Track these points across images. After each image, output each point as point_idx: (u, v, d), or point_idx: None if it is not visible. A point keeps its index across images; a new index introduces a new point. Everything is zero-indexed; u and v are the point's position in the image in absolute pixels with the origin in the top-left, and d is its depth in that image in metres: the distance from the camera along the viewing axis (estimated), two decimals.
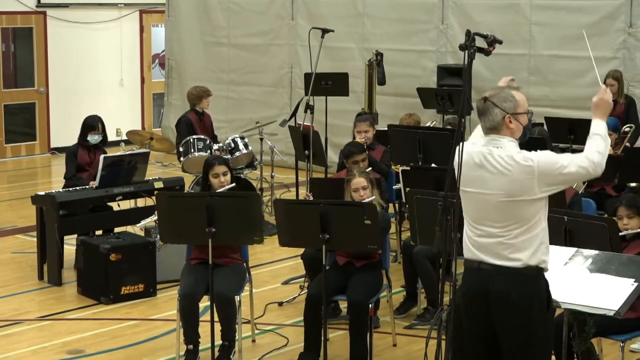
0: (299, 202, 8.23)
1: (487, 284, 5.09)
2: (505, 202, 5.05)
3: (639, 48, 12.09)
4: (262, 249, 9.82)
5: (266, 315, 8.43)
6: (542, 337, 5.15)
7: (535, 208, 5.06)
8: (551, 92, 12.69)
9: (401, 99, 13.42)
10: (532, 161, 5.04)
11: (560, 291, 5.46)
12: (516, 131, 5.17)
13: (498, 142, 5.14)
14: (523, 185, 5.02)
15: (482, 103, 5.15)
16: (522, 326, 5.07)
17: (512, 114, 5.12)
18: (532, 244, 5.07)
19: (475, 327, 5.18)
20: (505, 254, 5.07)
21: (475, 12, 13.21)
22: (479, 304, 5.12)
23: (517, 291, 5.04)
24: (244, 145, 11.27)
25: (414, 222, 7.37)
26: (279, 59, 15.29)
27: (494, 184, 5.07)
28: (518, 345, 5.10)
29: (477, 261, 5.14)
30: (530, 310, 5.06)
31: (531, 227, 5.06)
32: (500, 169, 5.06)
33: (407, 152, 9.54)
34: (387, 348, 7.72)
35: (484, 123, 5.17)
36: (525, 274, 5.05)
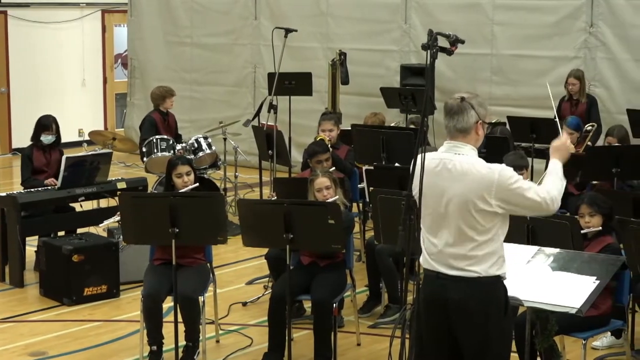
0: (263, 202, 8.22)
1: (446, 292, 5.09)
2: (461, 211, 5.03)
3: (599, 48, 12.19)
4: (226, 249, 9.80)
5: (230, 316, 8.41)
6: (501, 343, 5.16)
7: (490, 221, 5.03)
8: (513, 92, 12.76)
9: (364, 99, 13.44)
10: (493, 170, 5.02)
11: (523, 290, 5.49)
12: (480, 139, 5.16)
13: (460, 149, 5.10)
14: (480, 195, 4.98)
15: (459, 102, 5.09)
16: (480, 333, 5.08)
17: (483, 120, 5.13)
18: (490, 258, 5.05)
19: (435, 333, 5.18)
20: (461, 267, 5.06)
21: (438, 12, 13.26)
22: (438, 312, 5.12)
23: (475, 299, 5.04)
24: (208, 145, 11.24)
25: (377, 221, 7.39)
26: (242, 59, 15.27)
27: (452, 191, 5.04)
28: (477, 352, 5.11)
29: (435, 271, 5.14)
30: (488, 318, 5.06)
31: (488, 240, 5.04)
32: (460, 175, 5.03)
33: (370, 151, 9.56)
34: (351, 347, 7.73)
35: (455, 123, 5.09)
36: (483, 282, 5.05)
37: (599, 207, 6.88)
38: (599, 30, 12.18)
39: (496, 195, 4.98)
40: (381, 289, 8.46)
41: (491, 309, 5.06)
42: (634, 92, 11.75)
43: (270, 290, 8.02)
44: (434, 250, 5.12)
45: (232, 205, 11.50)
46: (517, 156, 8.24)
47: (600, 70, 12.22)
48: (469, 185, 5.01)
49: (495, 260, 5.06)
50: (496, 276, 5.08)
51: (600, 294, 5.64)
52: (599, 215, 6.87)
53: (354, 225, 8.05)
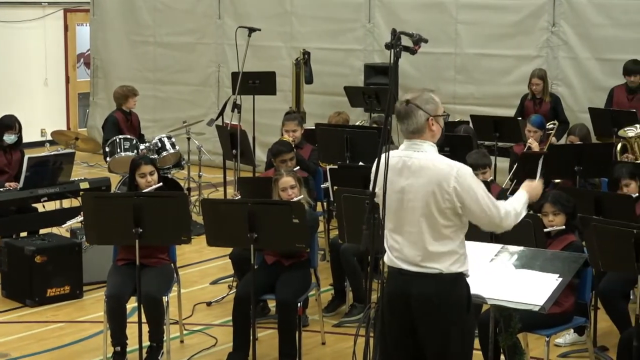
0: (227, 202, 8.20)
1: (409, 288, 5.10)
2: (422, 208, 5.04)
3: (561, 47, 12.27)
4: (190, 248, 9.77)
5: (194, 316, 8.38)
6: (463, 339, 5.18)
7: (451, 219, 5.06)
8: (477, 90, 12.82)
9: (329, 98, 13.44)
10: (452, 166, 5.05)
11: (486, 287, 5.52)
12: (437, 134, 5.18)
13: (419, 146, 5.12)
14: (440, 188, 5.00)
15: (405, 106, 5.10)
16: (443, 329, 5.10)
17: (433, 116, 5.13)
18: (451, 256, 5.08)
19: (398, 329, 5.19)
20: (423, 264, 5.08)
21: (401, 11, 13.28)
22: (401, 307, 5.14)
23: (438, 295, 5.06)
24: (171, 145, 11.20)
25: (341, 220, 7.39)
26: (206, 58, 15.22)
27: (413, 188, 5.06)
28: (439, 347, 5.13)
29: (398, 268, 5.15)
30: (451, 313, 5.09)
31: (448, 239, 5.07)
32: (420, 171, 5.05)
33: (334, 150, 9.57)
34: (316, 346, 7.73)
35: (407, 126, 5.11)
36: (445, 278, 5.07)
37: (563, 205, 6.92)
38: (561, 30, 12.26)
39: (454, 189, 5.00)
40: (346, 288, 8.47)
41: (453, 305, 5.09)
42: (595, 91, 11.84)
43: (234, 290, 8.01)
44: (396, 247, 5.13)
45: (196, 205, 11.46)
46: (479, 155, 8.28)
47: (562, 69, 12.30)
48: (428, 180, 5.03)
49: (456, 257, 5.09)
50: (458, 273, 5.10)
51: (563, 291, 5.68)
52: (563, 214, 6.91)
53: (318, 225, 8.05)
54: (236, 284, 8.16)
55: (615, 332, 7.38)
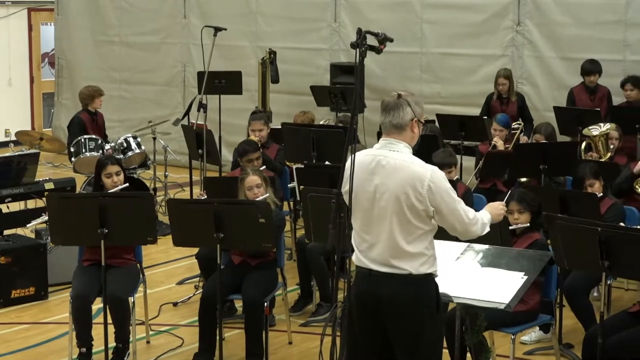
0: (193, 202, 8.17)
1: (378, 289, 5.10)
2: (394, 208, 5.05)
3: (526, 46, 12.35)
4: (156, 249, 9.74)
5: (161, 316, 8.35)
6: (433, 339, 5.20)
7: (422, 220, 5.06)
8: (442, 90, 12.86)
9: (295, 97, 13.44)
10: (427, 168, 5.06)
11: (452, 286, 5.53)
12: (415, 138, 5.19)
13: (395, 146, 5.12)
14: (413, 189, 5.01)
15: (396, 99, 5.12)
16: (412, 329, 5.10)
17: (418, 117, 5.16)
18: (421, 256, 5.08)
19: (367, 329, 5.19)
20: (393, 264, 5.08)
21: (367, 10, 13.31)
22: (370, 308, 5.14)
23: (407, 295, 5.07)
24: (137, 145, 11.16)
25: (308, 219, 7.39)
26: (171, 58, 15.17)
27: (385, 187, 5.06)
28: (409, 348, 5.14)
29: (367, 268, 5.15)
30: (420, 314, 5.09)
31: (418, 239, 5.07)
32: (393, 171, 5.05)
33: (301, 150, 9.56)
34: (282, 346, 7.73)
35: (391, 119, 5.11)
36: (414, 279, 5.08)
37: (528, 204, 6.96)
38: (526, 29, 12.33)
39: (427, 193, 5.01)
40: (312, 287, 8.47)
41: (423, 306, 5.09)
42: (560, 90, 11.91)
43: (201, 290, 7.98)
44: (365, 247, 5.13)
45: (162, 205, 11.43)
46: (445, 154, 8.31)
47: (527, 68, 12.37)
48: (401, 180, 5.03)
49: (426, 258, 5.10)
50: (427, 274, 5.11)
51: (528, 289, 5.71)
52: (528, 212, 6.95)
53: (284, 224, 8.05)
54: (202, 284, 8.13)
55: (580, 330, 7.43)
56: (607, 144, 9.49)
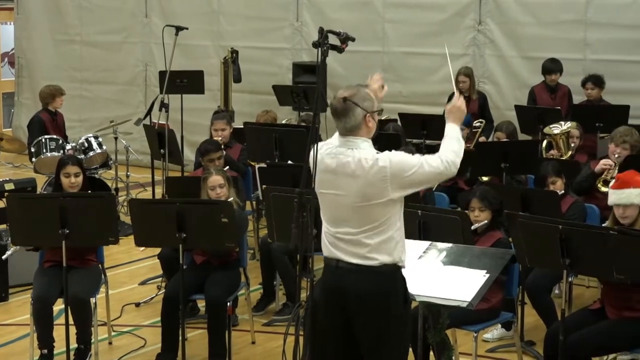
0: (155, 202, 8.15)
1: (345, 282, 5.11)
2: (359, 205, 5.05)
3: (487, 45, 12.41)
4: (118, 249, 9.68)
5: (123, 317, 8.31)
6: (400, 332, 5.20)
7: (389, 210, 5.08)
8: (404, 89, 12.89)
9: (257, 97, 13.43)
10: (385, 162, 5.06)
11: (415, 284, 5.54)
12: (372, 129, 5.19)
13: (353, 143, 5.12)
14: (376, 188, 5.02)
15: (342, 103, 5.08)
16: (380, 322, 5.11)
17: (371, 112, 5.15)
18: (389, 245, 5.09)
19: (333, 323, 5.19)
20: (362, 253, 5.08)
21: (329, 10, 13.32)
22: (337, 301, 5.14)
23: (375, 288, 5.07)
24: (98, 145, 11.09)
25: (270, 219, 7.38)
26: (133, 57, 15.09)
27: (348, 187, 5.06)
28: (376, 341, 5.14)
29: (335, 259, 5.14)
30: (388, 307, 5.10)
31: (386, 228, 5.08)
32: (354, 172, 5.06)
33: (263, 149, 9.55)
34: (246, 346, 7.72)
35: (344, 124, 5.10)
36: (383, 271, 5.08)
37: (490, 202, 6.99)
38: (487, 28, 12.39)
39: (392, 185, 5.03)
40: (275, 287, 8.45)
41: (390, 298, 5.10)
42: (521, 89, 11.98)
43: (163, 290, 7.95)
44: (333, 239, 5.13)
45: (124, 205, 11.37)
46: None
47: (488, 67, 12.44)
48: (363, 177, 5.03)
49: (394, 246, 5.10)
50: (395, 265, 5.11)
51: (490, 287, 5.74)
52: (489, 211, 6.98)
53: (247, 224, 8.03)
54: (165, 284, 8.10)
55: (541, 327, 7.48)
56: (568, 142, 9.56)
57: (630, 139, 8.49)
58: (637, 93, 11.42)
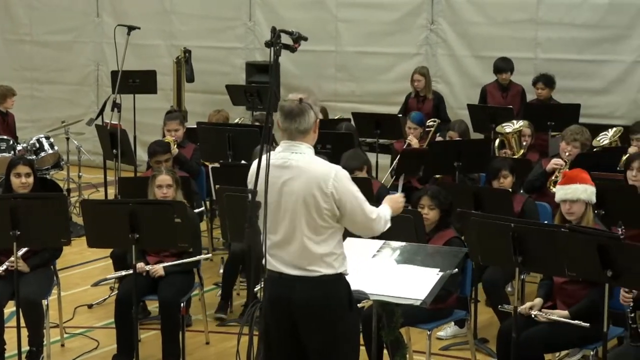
0: (107, 202, 8.09)
1: (289, 292, 5.09)
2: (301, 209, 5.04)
3: (440, 44, 12.47)
4: (71, 250, 9.58)
5: (76, 319, 8.25)
6: (348, 339, 5.20)
7: (329, 220, 5.06)
8: (357, 88, 12.93)
9: (210, 96, 13.39)
10: (331, 170, 5.06)
11: (369, 283, 5.56)
12: (315, 137, 5.21)
13: (297, 148, 5.11)
14: (319, 189, 5.01)
15: (298, 104, 5.08)
16: (326, 330, 5.11)
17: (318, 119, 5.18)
18: (330, 257, 5.08)
19: (280, 332, 5.18)
20: (302, 266, 5.07)
21: (282, 9, 13.31)
22: (282, 311, 5.12)
23: (319, 297, 5.06)
24: (50, 145, 11.01)
25: (224, 219, 7.36)
26: (84, 57, 14.98)
27: (291, 189, 5.05)
28: (324, 349, 5.14)
29: (277, 272, 5.12)
30: (333, 315, 5.10)
31: (326, 240, 5.07)
32: (299, 173, 5.04)
33: (216, 149, 9.53)
34: (200, 346, 7.69)
35: (298, 125, 5.08)
36: (325, 280, 5.08)
37: (440, 201, 7.02)
38: (440, 27, 12.45)
39: (333, 192, 5.02)
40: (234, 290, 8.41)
41: (335, 307, 5.10)
42: (474, 88, 12.05)
43: (116, 291, 7.89)
44: (275, 250, 5.10)
45: (76, 206, 11.28)
46: (350, 157, 7.98)
47: (441, 67, 12.50)
48: (306, 182, 5.03)
49: (335, 257, 5.10)
50: (338, 274, 5.11)
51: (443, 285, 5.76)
52: (438, 210, 7.00)
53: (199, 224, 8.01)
54: (118, 285, 8.05)
55: (494, 324, 7.53)
56: (520, 141, 9.63)
57: (581, 137, 8.58)
58: (587, 92, 11.55)
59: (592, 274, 5.76)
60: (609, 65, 11.60)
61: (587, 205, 6.37)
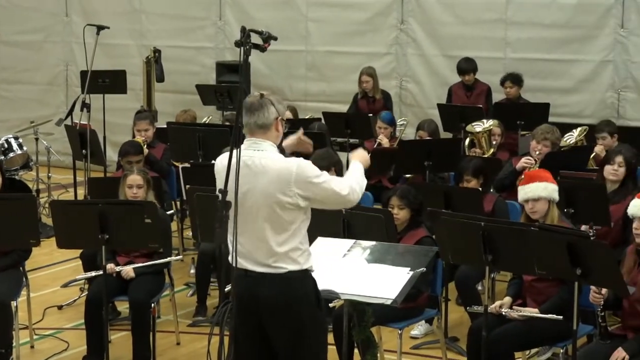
0: (77, 203, 8.06)
1: (255, 290, 5.08)
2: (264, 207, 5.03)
3: (410, 44, 12.50)
4: (40, 251, 9.52)
5: (45, 320, 8.20)
6: (315, 335, 5.20)
7: (293, 215, 5.07)
8: (328, 87, 12.94)
9: (180, 96, 13.35)
10: (291, 164, 5.06)
11: (340, 282, 5.56)
12: (279, 136, 5.21)
13: (259, 145, 5.12)
14: (281, 187, 5.01)
15: (258, 99, 5.12)
16: (293, 327, 5.11)
17: (281, 116, 5.18)
18: (295, 252, 5.08)
19: (247, 330, 5.17)
20: (268, 263, 5.06)
21: (252, 9, 13.30)
22: (249, 309, 5.11)
23: (285, 294, 5.06)
24: (18, 146, 10.94)
25: (195, 219, 7.35)
26: (53, 57, 14.90)
27: (253, 187, 5.04)
28: (291, 346, 5.14)
29: (243, 269, 5.12)
30: (300, 312, 5.10)
31: (291, 236, 5.07)
32: (260, 171, 5.04)
33: (187, 149, 9.50)
34: (170, 347, 7.67)
35: (256, 119, 5.10)
36: (291, 277, 5.07)
37: (409, 201, 7.03)
38: (410, 27, 12.49)
39: (296, 187, 5.02)
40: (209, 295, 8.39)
41: (302, 303, 5.10)
42: (443, 87, 12.09)
43: (86, 292, 7.86)
44: (239, 248, 5.08)
45: (45, 207, 11.21)
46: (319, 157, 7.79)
47: (411, 66, 12.54)
48: (269, 180, 5.03)
49: (300, 252, 5.10)
50: (303, 270, 5.11)
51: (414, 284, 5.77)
52: (407, 209, 7.01)
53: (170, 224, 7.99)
54: (88, 286, 8.01)
55: (465, 323, 7.56)
56: (490, 140, 9.68)
57: (551, 136, 8.64)
58: (556, 91, 11.63)
59: (562, 273, 5.80)
60: (577, 65, 11.68)
61: (550, 202, 6.39)
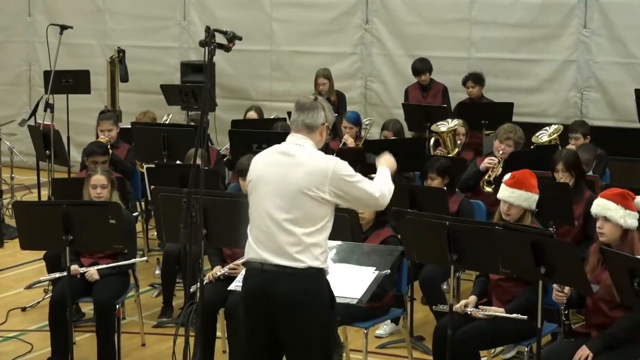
0: (41, 204, 8.00)
1: (271, 285, 5.09)
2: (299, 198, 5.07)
3: (375, 44, 12.53)
4: (3, 253, 9.49)
5: (9, 322, 8.15)
6: (326, 335, 5.21)
7: (323, 211, 5.12)
8: (293, 87, 12.93)
9: (145, 96, 13.29)
10: (329, 161, 5.16)
11: None
12: (322, 142, 5.33)
13: (302, 141, 5.22)
14: (317, 181, 5.07)
15: (312, 100, 5.27)
16: (306, 324, 5.11)
17: (329, 123, 5.30)
18: (317, 249, 5.11)
19: (255, 327, 5.19)
20: (291, 253, 5.07)
21: (216, 9, 13.28)
22: (261, 305, 5.13)
23: (301, 291, 5.08)
24: None
25: (159, 219, 7.31)
26: (16, 57, 14.79)
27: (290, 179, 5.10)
28: (302, 344, 5.15)
29: (259, 262, 5.12)
30: (314, 309, 5.11)
31: (318, 230, 5.11)
32: (299, 164, 5.12)
33: (151, 149, 9.47)
34: (136, 348, 7.64)
35: (304, 118, 5.23)
36: (308, 274, 5.09)
37: None
38: (374, 27, 12.51)
39: (331, 184, 5.10)
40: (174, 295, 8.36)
41: (316, 303, 5.12)
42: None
43: (50, 293, 7.81)
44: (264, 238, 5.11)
45: (8, 208, 11.13)
46: None
47: (376, 66, 12.56)
48: (306, 172, 5.10)
49: (321, 252, 5.13)
50: (321, 269, 5.13)
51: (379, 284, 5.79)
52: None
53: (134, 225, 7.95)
54: (52, 287, 7.96)
55: (431, 322, 7.58)
56: (455, 139, 9.72)
57: (514, 136, 8.68)
58: (520, 91, 11.69)
59: (526, 271, 5.83)
60: (541, 64, 11.75)
61: (526, 211, 6.38)
